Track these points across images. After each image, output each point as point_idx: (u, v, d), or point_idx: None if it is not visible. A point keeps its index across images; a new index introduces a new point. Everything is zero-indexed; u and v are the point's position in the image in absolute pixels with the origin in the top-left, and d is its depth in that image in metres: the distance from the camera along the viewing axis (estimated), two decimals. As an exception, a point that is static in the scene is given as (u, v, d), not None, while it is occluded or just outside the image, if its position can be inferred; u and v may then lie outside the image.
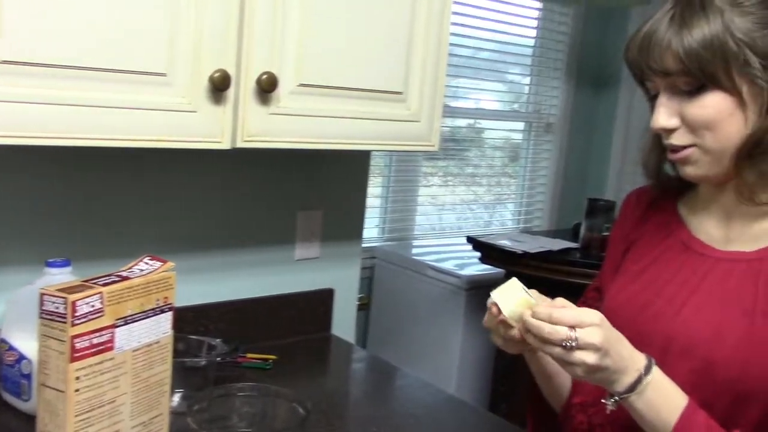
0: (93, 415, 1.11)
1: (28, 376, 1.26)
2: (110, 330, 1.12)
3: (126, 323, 1.14)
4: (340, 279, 1.88)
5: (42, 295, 1.07)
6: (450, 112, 3.32)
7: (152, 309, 1.19)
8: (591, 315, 0.90)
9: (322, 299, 1.84)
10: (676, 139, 0.98)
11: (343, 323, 1.91)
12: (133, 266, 1.22)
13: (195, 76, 1.20)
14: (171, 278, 1.23)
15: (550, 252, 2.57)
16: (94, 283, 1.12)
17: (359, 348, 1.91)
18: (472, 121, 3.61)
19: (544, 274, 2.50)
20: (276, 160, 1.71)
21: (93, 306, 1.08)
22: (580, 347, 0.88)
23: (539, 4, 3.53)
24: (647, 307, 1.05)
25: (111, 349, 1.12)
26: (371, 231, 3.19)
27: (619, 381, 0.91)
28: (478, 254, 2.78)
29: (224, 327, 1.66)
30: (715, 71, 0.92)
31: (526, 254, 2.55)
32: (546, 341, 0.90)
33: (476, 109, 3.58)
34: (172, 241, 1.59)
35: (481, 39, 3.42)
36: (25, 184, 1.40)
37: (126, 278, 1.16)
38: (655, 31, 0.96)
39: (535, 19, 3.58)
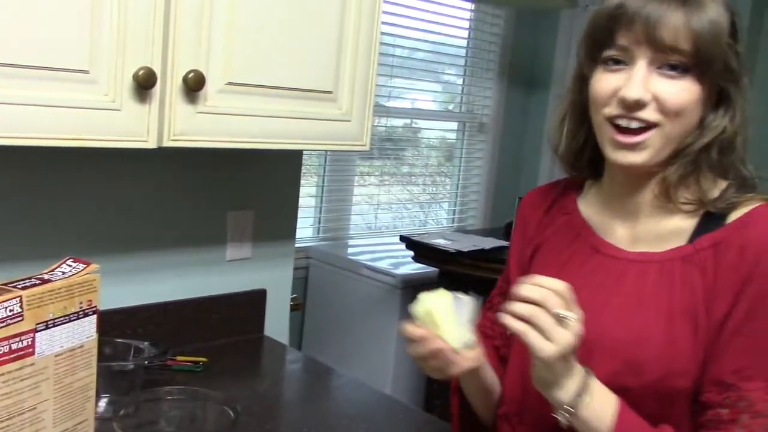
0: (13, 423, 1.07)
1: (-57, 384, 1.21)
2: (30, 335, 1.08)
3: (47, 327, 1.11)
4: (272, 279, 1.87)
5: (-43, 299, 1.03)
6: (385, 111, 3.33)
7: (75, 312, 1.16)
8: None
9: (255, 300, 1.82)
10: (647, 115, 0.94)
11: (277, 324, 1.90)
12: (55, 269, 1.19)
13: (118, 74, 1.17)
14: (95, 280, 1.20)
15: (482, 251, 2.60)
16: (13, 287, 1.08)
17: (293, 349, 1.90)
18: (408, 121, 3.63)
19: (476, 272, 2.53)
20: (206, 159, 1.69)
21: (11, 310, 1.05)
22: (570, 324, 0.87)
23: (471, 6, 3.57)
24: None
25: (31, 354, 1.09)
26: (306, 231, 3.17)
27: (565, 386, 0.91)
28: (412, 253, 2.80)
29: (153, 329, 1.63)
30: (713, 58, 0.92)
31: (458, 253, 2.57)
32: (543, 306, 0.86)
33: (412, 109, 3.60)
34: (98, 242, 1.55)
35: (416, 39, 3.44)
36: (-59, 184, 1.35)
37: (47, 281, 1.13)
38: (664, 1, 0.92)
39: (468, 20, 3.63)
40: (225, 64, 1.29)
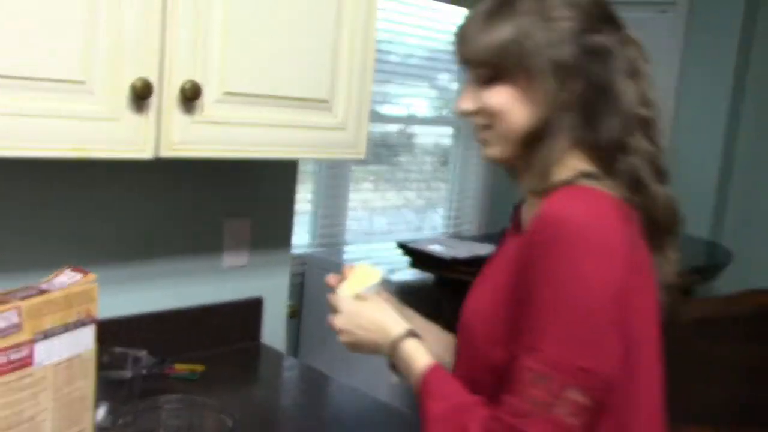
0: (11, 433, 1.08)
1: (-59, 395, 1.22)
2: (29, 345, 1.09)
3: (46, 338, 1.12)
4: (269, 287, 1.87)
5: (-45, 310, 1.04)
6: (380, 117, 3.34)
7: (73, 322, 1.17)
8: (341, 301, 1.14)
9: (251, 308, 1.83)
10: (477, 120, 1.05)
11: (273, 332, 1.90)
12: (53, 279, 1.19)
13: (115, 84, 1.18)
14: (93, 290, 1.20)
15: (478, 258, 2.61)
16: (12, 297, 1.09)
17: (290, 357, 1.90)
18: (402, 126, 3.64)
19: (472, 278, 2.53)
20: (202, 167, 1.69)
21: (10, 321, 1.06)
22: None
23: (465, 11, 3.57)
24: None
25: (30, 364, 1.09)
26: (301, 237, 3.18)
27: (380, 348, 1.10)
28: (408, 259, 2.80)
29: (151, 338, 1.63)
30: (506, 68, 1.00)
31: (455, 260, 2.58)
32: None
33: (407, 115, 3.61)
34: (95, 252, 1.55)
35: (410, 45, 3.45)
36: (-62, 195, 1.35)
37: (45, 291, 1.14)
38: (468, 24, 1.05)
39: (462, 26, 3.63)
40: (221, 73, 1.30)
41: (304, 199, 3.11)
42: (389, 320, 1.11)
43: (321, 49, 1.43)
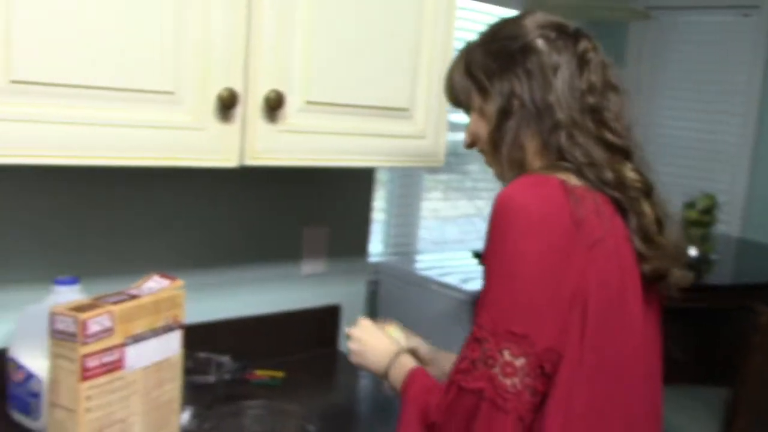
0: (104, 435, 1.11)
1: (37, 395, 1.26)
2: (120, 349, 1.12)
3: (136, 342, 1.15)
4: (346, 294, 1.88)
5: (53, 314, 1.07)
6: (451, 126, 3.32)
7: (162, 327, 1.20)
8: (360, 322, 1.29)
9: (329, 315, 1.84)
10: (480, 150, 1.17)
11: (350, 339, 1.91)
12: (142, 284, 1.22)
13: (202, 95, 1.20)
14: (180, 296, 1.23)
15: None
16: (104, 302, 1.12)
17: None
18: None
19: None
20: (281, 176, 1.71)
21: (103, 325, 1.09)
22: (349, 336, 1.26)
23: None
24: None
25: (121, 368, 1.12)
26: (374, 246, 3.18)
27: (381, 360, 1.21)
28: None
29: (232, 344, 1.66)
30: (464, 100, 1.15)
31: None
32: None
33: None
34: (178, 259, 1.59)
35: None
36: (34, 202, 1.40)
37: (136, 296, 1.16)
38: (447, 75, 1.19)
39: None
40: (304, 83, 1.31)
41: (376, 208, 3.12)
42: (390, 341, 1.25)
43: (401, 58, 1.43)
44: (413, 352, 1.27)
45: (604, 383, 0.99)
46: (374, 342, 1.24)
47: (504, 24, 1.14)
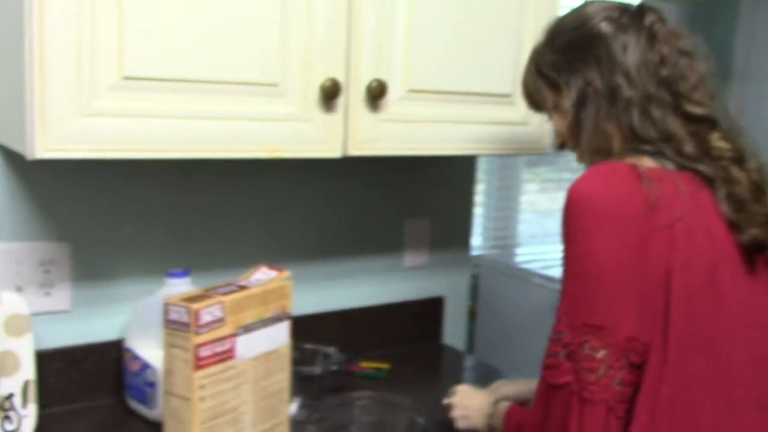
0: (217, 423, 1.12)
1: (153, 384, 1.29)
2: (231, 339, 1.13)
3: (246, 332, 1.16)
4: (449, 287, 1.86)
5: (166, 305, 1.10)
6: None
7: (270, 318, 1.21)
8: (457, 387, 1.33)
9: (432, 307, 1.82)
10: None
11: (453, 331, 1.89)
12: (250, 276, 1.24)
13: (306, 86, 1.20)
14: (288, 287, 1.24)
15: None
16: (215, 293, 1.14)
17: (471, 357, 1.87)
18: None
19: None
20: (382, 167, 1.71)
21: (215, 315, 1.10)
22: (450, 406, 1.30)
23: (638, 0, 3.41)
24: None
25: (232, 357, 1.14)
26: (474, 239, 3.14)
27: (483, 424, 1.24)
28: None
29: (336, 335, 1.66)
30: (540, 102, 1.15)
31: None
32: None
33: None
34: (283, 251, 1.60)
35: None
36: (144, 197, 1.44)
37: (245, 287, 1.18)
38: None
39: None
40: (405, 71, 1.30)
41: (475, 202, 3.08)
42: (486, 396, 1.29)
43: (504, 42, 1.39)
44: (512, 398, 1.27)
45: (694, 368, 0.93)
46: (473, 403, 1.28)
47: (566, 17, 1.12)
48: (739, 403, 0.96)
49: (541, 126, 1.48)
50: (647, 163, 1.00)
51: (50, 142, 1.01)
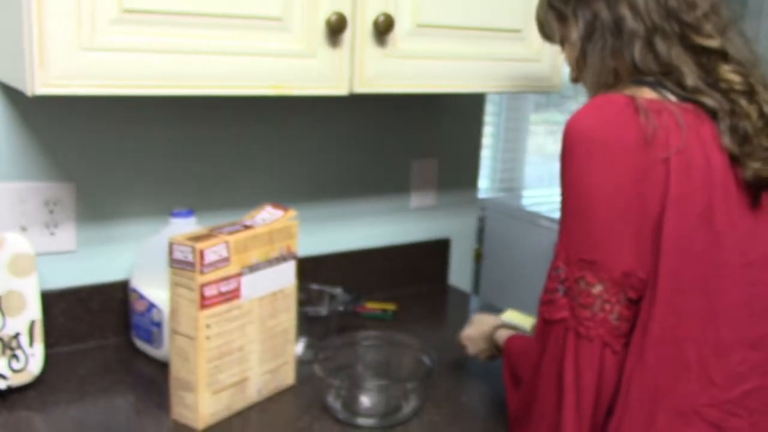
0: (223, 362, 1.12)
1: (158, 324, 1.29)
2: (237, 278, 1.12)
3: (251, 272, 1.15)
4: (456, 228, 1.85)
5: (171, 244, 1.08)
6: (561, 56, 3.19)
7: (276, 258, 1.19)
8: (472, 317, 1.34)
9: (439, 249, 1.81)
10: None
11: (459, 273, 1.88)
12: (255, 215, 1.22)
13: (311, 20, 1.17)
14: (293, 227, 1.22)
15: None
16: (220, 232, 1.12)
17: (477, 298, 1.87)
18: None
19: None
20: (389, 107, 1.68)
21: (220, 255, 1.09)
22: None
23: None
24: None
25: (238, 297, 1.13)
26: (481, 182, 3.12)
27: (485, 349, 1.27)
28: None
29: (341, 276, 1.66)
30: (551, 33, 1.12)
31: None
32: None
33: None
34: (288, 191, 1.59)
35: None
36: (149, 136, 1.42)
37: (250, 227, 1.16)
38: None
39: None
40: (413, 5, 1.26)
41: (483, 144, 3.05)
42: (492, 322, 1.29)
43: (515, -25, 1.35)
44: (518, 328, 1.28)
45: (685, 306, 0.91)
46: (480, 327, 1.29)
47: None
48: (730, 343, 0.94)
49: (553, 62, 1.44)
50: (647, 94, 0.97)
51: (50, 78, 0.99)
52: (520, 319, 1.30)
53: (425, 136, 1.75)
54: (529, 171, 3.32)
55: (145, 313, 1.32)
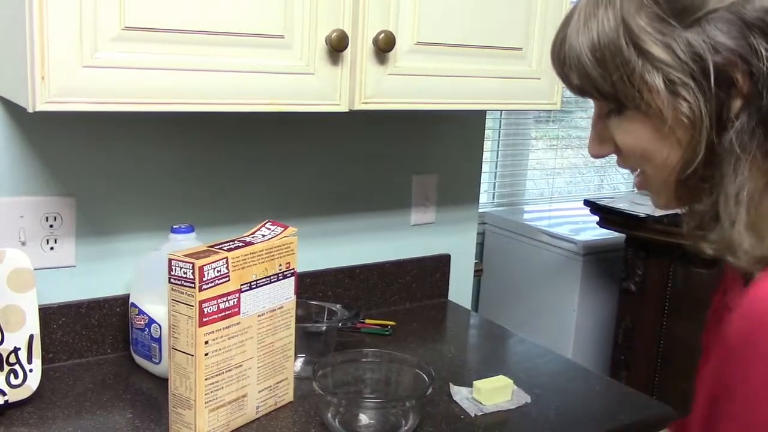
0: (222, 379, 1.12)
1: (158, 340, 1.29)
2: (236, 295, 1.12)
3: (251, 288, 1.15)
4: (456, 244, 1.85)
5: (170, 260, 1.08)
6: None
7: (275, 274, 1.19)
8: None
9: (439, 265, 1.81)
10: (620, 163, 0.81)
11: (459, 289, 1.88)
12: (255, 231, 1.22)
13: (312, 38, 1.17)
14: (293, 243, 1.22)
15: (675, 215, 2.43)
16: (220, 249, 1.12)
17: (478, 315, 1.87)
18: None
19: (668, 238, 2.38)
20: (390, 123, 1.68)
21: (219, 271, 1.09)
22: None
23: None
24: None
25: (237, 313, 1.13)
26: (481, 196, 3.12)
27: None
28: (594, 218, 2.68)
29: (341, 293, 1.66)
30: (615, 88, 0.73)
31: (649, 217, 2.43)
32: None
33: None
34: (288, 207, 1.59)
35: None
36: (149, 152, 1.42)
37: (249, 243, 1.16)
38: (564, 34, 0.76)
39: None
40: (414, 23, 1.26)
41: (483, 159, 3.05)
42: None
43: (515, -6, 1.36)
44: None
45: None
46: None
47: None
48: None
49: (552, 80, 1.45)
50: None
51: (51, 94, 0.99)
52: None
53: (425, 151, 1.75)
54: (529, 186, 3.32)
55: (144, 328, 1.32)
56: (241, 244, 1.15)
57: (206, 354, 1.09)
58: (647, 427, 1.30)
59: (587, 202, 2.71)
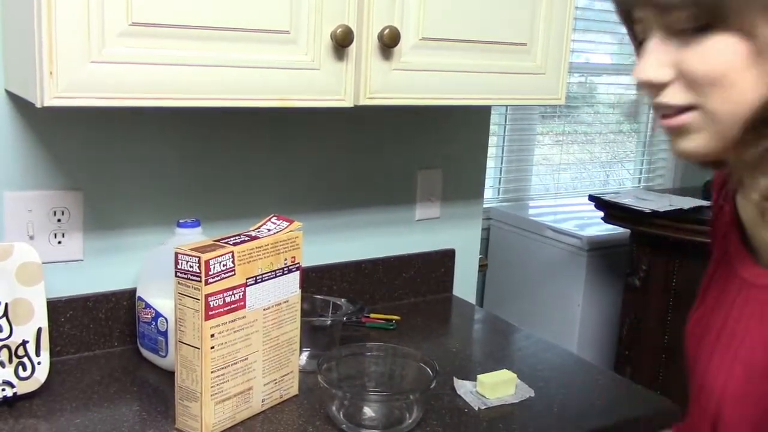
0: (228, 372, 1.13)
1: (164, 333, 1.30)
2: (241, 288, 1.13)
3: (256, 282, 1.16)
4: (460, 239, 1.85)
5: (177, 254, 1.09)
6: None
7: (281, 268, 1.20)
8: None
9: (444, 259, 1.82)
10: (670, 97, 0.71)
11: (464, 284, 1.88)
12: (261, 226, 1.23)
13: (317, 33, 1.18)
14: (298, 238, 1.23)
15: (680, 211, 2.44)
16: (225, 243, 1.13)
17: (482, 309, 1.88)
18: (582, 79, 3.47)
19: (674, 234, 2.38)
20: (395, 118, 1.69)
21: (225, 265, 1.10)
22: None
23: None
24: (700, 344, 0.89)
25: (243, 307, 1.14)
26: (486, 192, 3.13)
27: None
28: (599, 214, 2.68)
29: (346, 287, 1.67)
30: (726, 3, 0.65)
31: (654, 213, 2.43)
32: None
33: (590, 63, 3.43)
34: (293, 202, 1.60)
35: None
36: (155, 147, 1.43)
37: (255, 238, 1.17)
38: None
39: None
40: (419, 18, 1.27)
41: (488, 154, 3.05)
42: None
43: (520, -11, 1.36)
44: None
45: None
46: None
47: None
48: None
49: (557, 75, 1.45)
50: None
51: (59, 89, 1.00)
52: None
53: (430, 146, 1.76)
54: (535, 181, 3.33)
55: (151, 322, 1.33)
56: (246, 239, 1.16)
57: (212, 347, 1.10)
58: (651, 422, 1.31)
59: (592, 198, 2.71)
